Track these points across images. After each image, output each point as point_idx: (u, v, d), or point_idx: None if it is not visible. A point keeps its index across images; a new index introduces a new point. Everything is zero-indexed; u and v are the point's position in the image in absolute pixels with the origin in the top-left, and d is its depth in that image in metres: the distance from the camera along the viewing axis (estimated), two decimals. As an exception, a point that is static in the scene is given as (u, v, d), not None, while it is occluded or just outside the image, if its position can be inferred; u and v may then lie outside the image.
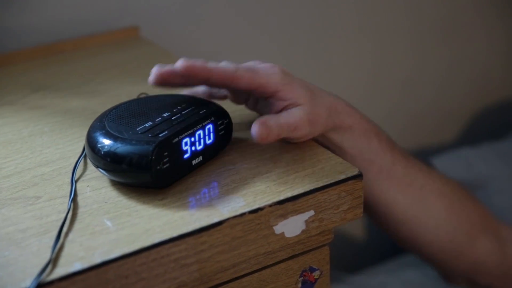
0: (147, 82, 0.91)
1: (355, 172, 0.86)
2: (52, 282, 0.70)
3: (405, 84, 1.66)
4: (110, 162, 0.82)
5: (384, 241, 1.71)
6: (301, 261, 0.89)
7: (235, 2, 1.38)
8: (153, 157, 0.80)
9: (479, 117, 1.78)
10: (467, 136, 1.77)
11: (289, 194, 0.82)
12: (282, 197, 0.82)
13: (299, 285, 0.90)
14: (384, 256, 1.66)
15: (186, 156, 0.84)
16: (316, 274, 0.90)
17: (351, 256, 1.70)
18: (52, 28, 1.24)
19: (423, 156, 1.63)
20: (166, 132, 0.82)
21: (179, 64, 0.88)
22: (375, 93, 1.63)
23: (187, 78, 0.90)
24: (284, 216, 0.82)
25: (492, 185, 1.45)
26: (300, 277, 0.89)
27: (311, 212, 0.84)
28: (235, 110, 1.00)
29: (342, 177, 0.85)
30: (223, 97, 1.02)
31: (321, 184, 0.84)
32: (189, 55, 1.27)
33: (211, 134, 0.87)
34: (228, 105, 0.99)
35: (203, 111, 0.87)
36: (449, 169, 1.47)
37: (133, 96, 0.99)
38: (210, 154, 0.88)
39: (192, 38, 1.36)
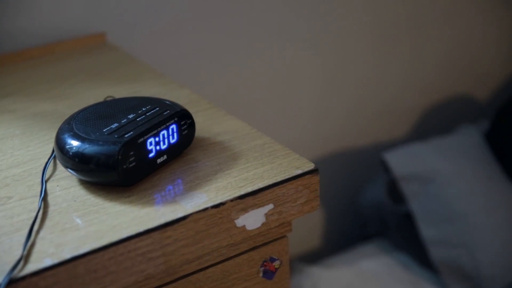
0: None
1: (311, 167, 0.87)
2: (23, 277, 0.70)
3: (362, 85, 1.67)
4: (78, 163, 0.82)
5: (341, 233, 1.72)
6: (262, 252, 0.89)
7: (199, 8, 1.38)
8: (119, 157, 0.80)
9: (428, 114, 1.79)
10: (418, 132, 1.78)
11: (249, 189, 0.83)
12: (242, 192, 0.82)
13: (261, 274, 0.90)
14: (341, 247, 1.67)
15: (151, 155, 0.85)
16: (276, 264, 0.91)
17: (310, 247, 1.70)
18: (21, 35, 1.23)
19: (377, 151, 1.64)
20: (132, 132, 0.82)
21: None
22: (333, 94, 1.63)
23: None
24: (245, 210, 0.83)
25: (441, 178, 1.46)
26: (261, 267, 0.90)
27: (271, 206, 0.84)
28: (198, 111, 1.00)
29: (299, 172, 0.86)
30: None
31: (279, 179, 0.85)
32: (153, 60, 1.28)
33: (175, 134, 0.87)
34: (190, 106, 0.99)
35: (166, 112, 0.87)
36: (400, 163, 1.49)
37: (100, 99, 0.99)
38: (174, 153, 0.88)
39: (157, 43, 1.35)
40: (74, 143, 0.83)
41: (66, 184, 0.86)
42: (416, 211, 1.46)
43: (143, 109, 0.88)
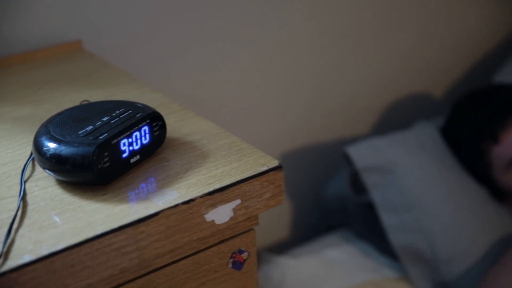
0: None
1: (275, 164, 0.86)
2: (3, 274, 0.69)
3: (324, 84, 1.66)
4: (55, 163, 0.81)
5: (307, 225, 1.72)
6: (230, 245, 0.89)
7: (169, 16, 1.37)
8: (94, 158, 0.79)
9: (388, 111, 1.80)
10: (378, 128, 1.78)
11: (217, 185, 0.82)
12: (211, 189, 0.82)
13: (230, 265, 0.90)
14: (307, 238, 1.67)
15: (124, 155, 0.84)
16: (244, 255, 0.90)
17: (278, 239, 1.70)
18: (1, 44, 1.21)
19: (340, 146, 1.64)
20: (106, 134, 0.81)
21: None
22: (297, 92, 1.63)
23: None
24: (213, 205, 0.82)
25: (399, 169, 1.47)
26: (230, 258, 0.89)
27: (238, 201, 0.84)
28: (169, 113, 0.99)
29: (264, 169, 0.85)
30: None
31: (245, 176, 0.84)
32: (128, 65, 1.27)
33: (147, 135, 0.86)
34: (162, 109, 0.98)
35: (139, 114, 0.86)
36: (362, 156, 1.49)
37: (77, 103, 0.97)
38: (146, 152, 0.87)
39: (131, 49, 1.34)
40: (51, 145, 0.81)
41: (44, 184, 0.84)
42: (377, 200, 1.46)
43: (117, 112, 0.87)
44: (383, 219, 1.45)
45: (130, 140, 0.84)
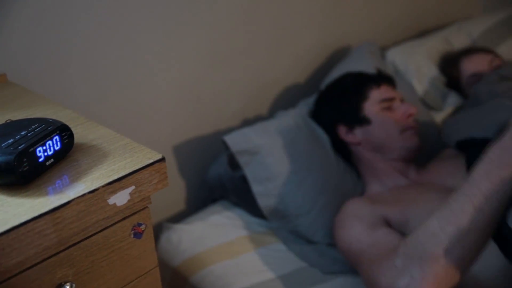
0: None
1: (159, 157, 0.87)
2: None
3: (203, 90, 1.64)
4: (-15, 170, 0.79)
5: (197, 199, 1.72)
6: (131, 220, 0.89)
7: (77, 51, 1.34)
8: (15, 163, 0.78)
9: (255, 104, 1.80)
10: (248, 119, 1.78)
11: (115, 176, 0.83)
12: (111, 179, 0.82)
13: (132, 236, 0.90)
14: (197, 209, 1.68)
15: (41, 160, 0.83)
16: (142, 227, 0.91)
17: (175, 211, 1.70)
18: None
19: (219, 136, 1.64)
20: (24, 145, 0.80)
21: None
22: (182, 97, 1.61)
23: None
24: (114, 192, 0.82)
25: (263, 151, 1.50)
26: (132, 230, 0.90)
27: (133, 187, 0.84)
28: (77, 125, 0.98)
29: (151, 161, 0.86)
30: None
31: (137, 167, 0.85)
32: (45, 91, 1.23)
33: (58, 143, 0.86)
34: (71, 122, 0.98)
35: (50, 127, 0.85)
36: (235, 142, 1.52)
37: (2, 122, 0.94)
38: (59, 156, 0.86)
39: (47, 77, 1.30)
40: (-19, 156, 0.79)
41: (-23, 187, 0.82)
42: (248, 174, 1.49)
43: (33, 126, 0.85)
44: (252, 188, 1.48)
45: (44, 147, 0.83)
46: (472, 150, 1.34)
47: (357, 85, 1.56)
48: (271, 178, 1.47)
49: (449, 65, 1.93)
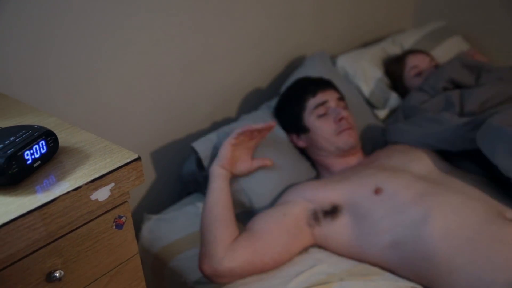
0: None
1: (135, 156, 0.85)
2: None
3: (172, 101, 1.64)
4: (-23, 173, 0.76)
5: (173, 192, 1.71)
6: (112, 213, 0.87)
7: (57, 62, 1.31)
8: (5, 166, 0.75)
9: (223, 110, 1.80)
10: (215, 123, 1.77)
11: (97, 175, 0.81)
12: (93, 178, 0.80)
13: (114, 227, 0.88)
14: (174, 201, 1.66)
15: (28, 162, 0.80)
16: (123, 219, 0.89)
17: (155, 204, 1.68)
18: None
19: (191, 140, 1.62)
20: (12, 149, 0.78)
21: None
22: (154, 105, 1.60)
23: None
24: (96, 188, 0.81)
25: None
26: (113, 222, 0.88)
27: (113, 184, 0.83)
28: (62, 130, 0.96)
29: (128, 160, 0.84)
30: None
31: (116, 166, 0.83)
32: (33, 102, 1.20)
33: (44, 147, 0.83)
34: (56, 128, 0.95)
35: (37, 133, 0.83)
36: (202, 148, 1.50)
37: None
38: (45, 158, 0.84)
39: (33, 88, 1.27)
40: (-26, 160, 0.76)
41: (-29, 189, 0.79)
42: None
43: (20, 133, 0.83)
44: None
45: (31, 151, 0.80)
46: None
47: (297, 97, 1.55)
48: (235, 177, 1.45)
49: (395, 62, 1.99)
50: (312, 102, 1.51)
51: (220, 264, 1.17)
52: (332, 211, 1.28)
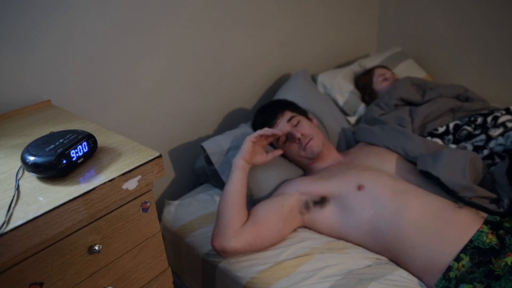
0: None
1: (157, 154, 0.85)
2: (7, 232, 0.65)
3: (188, 107, 1.65)
4: (34, 167, 0.77)
5: (188, 183, 1.70)
6: (140, 199, 0.88)
7: (104, 80, 1.31)
8: (55, 162, 0.76)
9: (226, 119, 1.79)
10: (218, 129, 1.77)
11: (127, 169, 0.81)
12: (124, 171, 0.80)
13: (141, 210, 0.88)
14: (189, 190, 1.66)
15: (74, 159, 0.80)
16: (148, 204, 0.89)
17: (175, 192, 1.68)
18: (3, 105, 1.11)
19: (202, 139, 1.63)
20: (61, 149, 0.78)
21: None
22: (177, 108, 1.61)
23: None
24: (126, 180, 0.81)
25: (230, 153, 1.47)
26: (140, 206, 0.88)
27: (140, 176, 0.83)
28: (100, 133, 0.96)
29: (152, 157, 0.85)
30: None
31: (142, 162, 0.83)
32: (80, 111, 1.20)
33: (86, 146, 0.83)
34: (96, 132, 0.95)
35: (80, 136, 0.84)
36: (210, 147, 1.49)
37: (47, 133, 0.92)
38: (87, 156, 0.84)
39: (81, 101, 1.27)
40: (31, 157, 0.77)
41: (29, 180, 0.80)
42: (218, 170, 1.46)
43: (67, 136, 0.83)
44: (222, 178, 1.45)
45: (76, 150, 0.81)
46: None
47: (268, 121, 1.46)
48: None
49: (365, 74, 2.02)
50: (280, 122, 1.43)
51: (228, 244, 1.15)
52: (321, 202, 1.27)
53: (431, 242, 1.09)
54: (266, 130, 1.32)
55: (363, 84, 1.99)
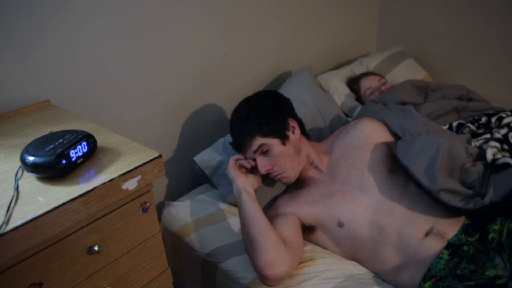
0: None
1: (157, 155, 0.86)
2: (6, 232, 0.65)
3: (182, 116, 1.65)
4: (33, 168, 0.77)
5: (188, 184, 1.70)
6: (139, 199, 0.88)
7: (105, 83, 1.32)
8: (55, 162, 0.76)
9: (218, 129, 1.80)
10: (210, 140, 1.76)
11: (127, 169, 0.81)
12: (124, 171, 0.81)
13: (140, 210, 0.89)
14: (189, 190, 1.66)
15: (73, 159, 0.81)
16: (148, 204, 0.90)
17: (175, 192, 1.68)
18: (2, 105, 1.11)
19: (202, 141, 1.62)
20: (61, 149, 0.78)
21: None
22: (172, 117, 1.61)
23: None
24: (126, 180, 0.81)
25: (223, 165, 1.48)
26: (140, 206, 0.88)
27: (139, 176, 0.83)
28: (100, 133, 0.96)
29: (151, 157, 0.85)
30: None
31: (142, 162, 0.83)
32: (78, 111, 1.20)
33: (86, 147, 0.84)
34: (96, 132, 0.95)
35: (80, 136, 0.84)
36: (202, 161, 1.50)
37: (46, 133, 0.92)
38: (87, 156, 0.85)
39: (80, 101, 1.27)
40: (30, 158, 0.77)
41: (29, 180, 0.80)
42: (214, 182, 1.48)
43: (67, 136, 0.83)
44: (219, 190, 1.47)
45: (75, 150, 0.81)
46: None
47: (239, 146, 1.32)
48: (230, 183, 1.35)
49: (352, 83, 2.01)
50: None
51: (282, 269, 1.05)
52: (310, 228, 1.27)
53: (400, 276, 1.12)
54: (233, 162, 1.26)
55: (355, 92, 1.98)
